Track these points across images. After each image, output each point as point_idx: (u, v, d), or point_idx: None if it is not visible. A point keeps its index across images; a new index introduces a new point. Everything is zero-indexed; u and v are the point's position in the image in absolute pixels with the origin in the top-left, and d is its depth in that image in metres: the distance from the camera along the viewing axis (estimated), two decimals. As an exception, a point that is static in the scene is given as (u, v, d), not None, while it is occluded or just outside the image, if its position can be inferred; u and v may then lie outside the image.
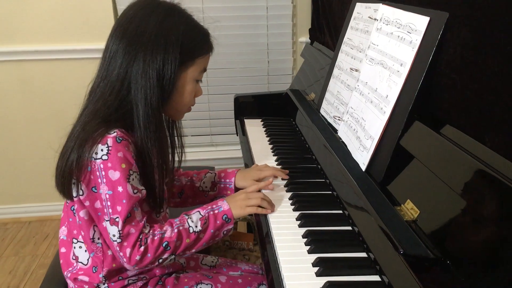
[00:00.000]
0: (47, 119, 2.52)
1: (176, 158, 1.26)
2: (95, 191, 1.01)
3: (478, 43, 0.86)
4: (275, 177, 1.32)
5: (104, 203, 1.00)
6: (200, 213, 1.09)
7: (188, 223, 1.07)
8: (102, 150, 0.98)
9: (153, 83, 1.02)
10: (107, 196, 0.99)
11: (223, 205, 1.12)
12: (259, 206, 1.15)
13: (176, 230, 1.04)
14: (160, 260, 1.04)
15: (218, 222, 1.09)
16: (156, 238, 1.02)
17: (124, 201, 0.99)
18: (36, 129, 2.54)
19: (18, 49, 2.39)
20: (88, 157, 0.98)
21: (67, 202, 1.11)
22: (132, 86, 1.02)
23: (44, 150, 2.50)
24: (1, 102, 2.48)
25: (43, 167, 2.54)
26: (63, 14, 2.36)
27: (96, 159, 0.98)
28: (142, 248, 1.00)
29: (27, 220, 2.67)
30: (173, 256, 1.05)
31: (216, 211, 1.10)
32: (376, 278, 0.91)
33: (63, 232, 1.16)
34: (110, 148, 0.98)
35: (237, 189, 1.34)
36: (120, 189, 0.99)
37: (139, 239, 1.00)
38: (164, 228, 1.05)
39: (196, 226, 1.06)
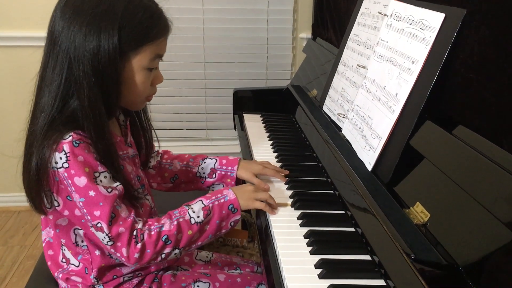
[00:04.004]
0: (40, 107, 2.46)
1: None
2: (70, 199, 0.95)
3: (497, 41, 0.83)
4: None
5: (81, 211, 0.94)
6: (202, 203, 1.03)
7: (189, 214, 1.01)
8: (61, 158, 0.91)
9: (91, 84, 0.93)
10: (81, 204, 0.93)
11: (228, 194, 1.05)
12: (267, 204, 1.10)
13: (175, 223, 0.98)
14: (163, 255, 0.98)
15: (224, 212, 1.03)
16: (153, 232, 0.96)
17: (101, 204, 0.92)
18: (27, 117, 2.48)
19: (13, 34, 2.32)
20: (49, 167, 0.92)
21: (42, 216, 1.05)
22: (72, 88, 0.96)
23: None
24: (-8, 88, 2.41)
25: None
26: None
27: (58, 168, 0.92)
28: (139, 245, 0.94)
29: (16, 210, 2.61)
30: (177, 250, 0.99)
31: (221, 200, 1.04)
32: (381, 282, 0.88)
33: (48, 233, 1.09)
34: (68, 154, 0.91)
35: (237, 179, 1.28)
36: (92, 193, 0.92)
37: (134, 236, 0.95)
38: (162, 222, 0.99)
39: (198, 217, 1.00)
